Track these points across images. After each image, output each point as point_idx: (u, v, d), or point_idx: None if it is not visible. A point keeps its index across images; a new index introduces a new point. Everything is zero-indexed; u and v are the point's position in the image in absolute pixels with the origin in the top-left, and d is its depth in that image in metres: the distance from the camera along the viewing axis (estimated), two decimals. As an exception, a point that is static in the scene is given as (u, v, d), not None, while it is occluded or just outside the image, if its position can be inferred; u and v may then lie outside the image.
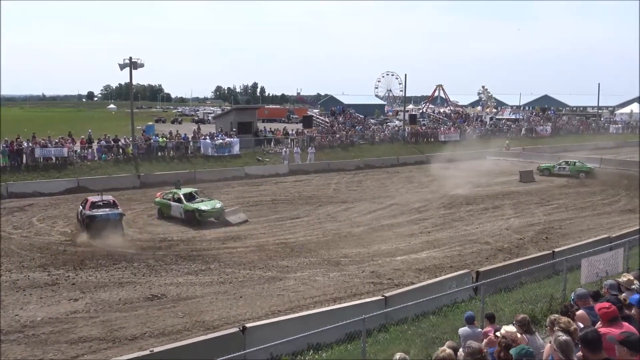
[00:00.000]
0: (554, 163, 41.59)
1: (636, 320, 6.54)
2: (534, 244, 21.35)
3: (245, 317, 14.16)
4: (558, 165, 40.83)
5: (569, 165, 40.50)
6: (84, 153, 37.70)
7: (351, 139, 51.84)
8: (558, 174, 39.97)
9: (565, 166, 40.50)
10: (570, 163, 40.72)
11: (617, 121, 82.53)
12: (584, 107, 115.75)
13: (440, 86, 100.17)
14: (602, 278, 12.42)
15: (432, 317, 12.61)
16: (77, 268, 18.24)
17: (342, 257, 19.70)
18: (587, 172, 39.47)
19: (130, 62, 38.98)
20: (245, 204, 29.11)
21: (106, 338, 13.02)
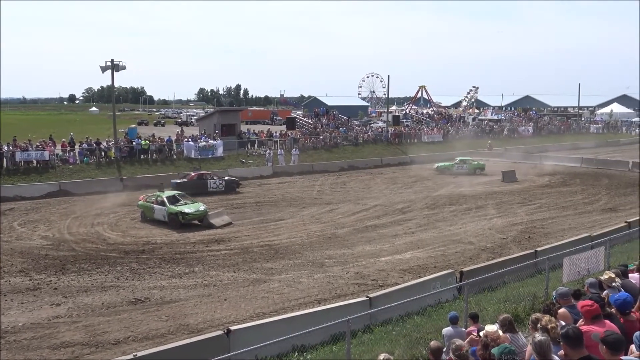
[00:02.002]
0: (452, 162, 42.40)
1: (617, 318, 6.62)
2: (516, 244, 21.50)
3: (229, 319, 14.10)
4: (457, 165, 41.87)
5: (466, 164, 41.92)
6: (65, 156, 37.36)
7: (335, 140, 51.90)
8: (458, 172, 41.00)
9: (463, 165, 41.83)
10: (467, 162, 42.20)
11: (598, 121, 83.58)
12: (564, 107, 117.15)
13: (423, 87, 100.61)
14: (584, 276, 12.55)
15: (416, 317, 12.66)
16: (59, 272, 18.06)
17: (327, 258, 19.70)
18: (481, 168, 41.73)
19: (112, 64, 38.77)
20: (229, 206, 29.03)
21: (89, 343, 12.89)
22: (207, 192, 32.50)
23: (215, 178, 33.86)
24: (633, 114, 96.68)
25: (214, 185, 33.32)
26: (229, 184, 33.86)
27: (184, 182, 32.54)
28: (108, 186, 33.68)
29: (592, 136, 72.11)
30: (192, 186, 32.06)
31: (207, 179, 33.54)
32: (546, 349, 5.21)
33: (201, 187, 32.74)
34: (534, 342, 5.32)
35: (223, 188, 33.43)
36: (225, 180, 33.94)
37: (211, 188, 33.11)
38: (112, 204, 29.68)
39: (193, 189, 31.47)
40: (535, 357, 5.29)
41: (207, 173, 34.71)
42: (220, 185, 33.47)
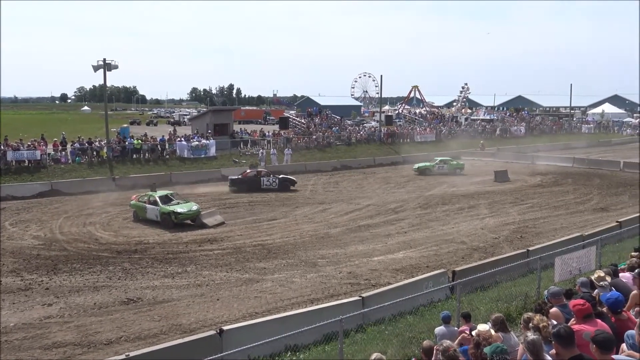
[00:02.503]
0: (433, 163, 42.30)
1: (609, 318, 6.65)
2: (508, 243, 21.58)
3: (222, 319, 14.08)
4: (437, 165, 41.87)
5: (446, 164, 42.02)
6: (57, 156, 37.19)
7: (328, 140, 51.92)
8: (439, 172, 41.08)
9: (443, 165, 41.90)
10: (447, 162, 42.29)
11: (589, 121, 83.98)
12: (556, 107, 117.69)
13: (416, 87, 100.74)
14: (576, 276, 12.61)
15: (409, 317, 12.69)
16: (51, 272, 17.98)
17: (320, 258, 19.71)
18: (461, 168, 41.94)
19: (104, 63, 38.64)
20: (221, 206, 28.98)
21: (81, 343, 12.85)
22: (260, 189, 33.39)
23: (269, 176, 34.40)
24: (624, 114, 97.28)
25: (267, 183, 33.95)
26: (282, 182, 34.23)
27: (239, 178, 33.99)
28: (100, 186, 33.55)
29: (583, 136, 72.45)
30: (246, 183, 33.61)
31: (261, 176, 34.16)
32: (539, 348, 5.24)
33: (255, 184, 33.66)
34: (526, 341, 5.35)
35: (276, 186, 33.92)
36: (279, 179, 34.33)
37: (264, 185, 33.84)
38: (104, 203, 29.59)
39: (247, 186, 33.30)
40: (527, 356, 5.32)
41: (262, 171, 35.51)
42: (273, 184, 34.00)
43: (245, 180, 33.93)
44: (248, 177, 34.16)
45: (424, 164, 42.45)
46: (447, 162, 42.30)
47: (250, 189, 33.09)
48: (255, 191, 32.96)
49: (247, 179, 34.04)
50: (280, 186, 33.94)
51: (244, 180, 33.87)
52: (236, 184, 33.62)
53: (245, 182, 33.74)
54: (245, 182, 33.74)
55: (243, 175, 34.42)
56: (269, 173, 35.09)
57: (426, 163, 42.56)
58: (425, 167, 41.77)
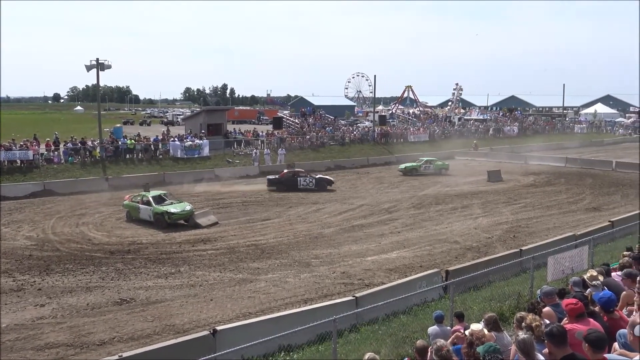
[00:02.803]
0: (419, 163, 42.08)
1: (601, 317, 6.68)
2: (502, 243, 21.64)
3: (215, 319, 14.07)
4: (424, 165, 41.76)
5: (431, 164, 41.97)
6: (50, 156, 37.02)
7: (321, 140, 51.93)
8: (425, 172, 41.07)
9: (429, 165, 41.87)
10: (432, 162, 42.19)
11: (582, 121, 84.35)
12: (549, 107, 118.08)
13: (410, 87, 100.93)
14: (568, 275, 12.67)
15: (402, 316, 12.72)
16: (43, 273, 17.91)
17: (313, 258, 19.71)
18: (446, 168, 41.93)
19: (98, 63, 38.54)
20: (215, 206, 28.94)
21: (73, 344, 12.80)
22: (297, 189, 33.83)
23: (306, 176, 34.86)
24: (616, 114, 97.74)
25: (304, 182, 34.38)
26: (319, 182, 34.53)
27: (276, 178, 34.55)
28: (93, 186, 33.47)
29: (576, 136, 72.76)
30: (283, 183, 34.10)
31: (298, 176, 34.60)
32: (529, 347, 5.26)
33: (292, 184, 34.12)
34: (517, 340, 5.37)
35: (314, 186, 34.26)
36: (316, 179, 34.70)
37: (301, 185, 34.29)
38: (97, 203, 29.51)
39: (284, 186, 33.83)
40: (519, 355, 5.34)
41: (299, 171, 35.94)
42: (310, 183, 34.38)
43: (283, 180, 34.36)
44: (285, 177, 34.57)
45: (411, 164, 42.25)
46: (432, 162, 42.22)
47: (287, 189, 33.59)
48: (293, 191, 33.41)
49: (284, 178, 34.46)
50: (317, 186, 34.29)
51: (282, 180, 34.31)
52: (274, 184, 34.21)
53: (283, 182, 34.19)
54: (283, 182, 34.19)
55: (280, 175, 34.86)
56: (307, 173, 35.61)
57: (412, 163, 42.34)
58: (412, 167, 41.63)
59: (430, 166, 41.76)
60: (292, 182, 34.23)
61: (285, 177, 34.52)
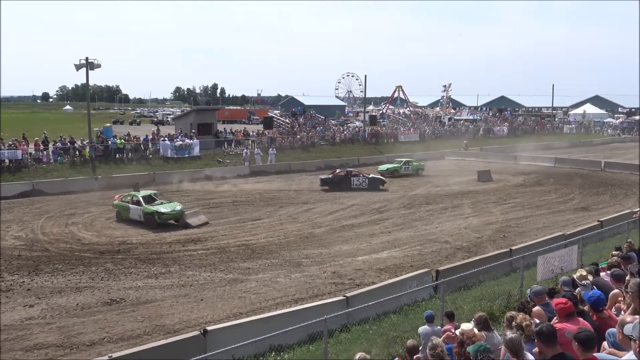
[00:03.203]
0: (399, 164, 41.38)
1: (590, 316, 6.72)
2: (492, 242, 21.72)
3: (206, 320, 14.04)
4: (404, 166, 41.20)
5: (410, 165, 41.53)
6: (39, 155, 36.80)
7: (312, 139, 51.94)
8: (405, 174, 40.66)
9: (408, 166, 41.41)
10: (410, 162, 41.74)
11: (571, 121, 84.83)
12: (539, 107, 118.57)
13: (400, 87, 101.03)
14: (558, 275, 12.74)
15: (393, 316, 12.74)
16: (32, 273, 17.80)
17: (304, 258, 19.71)
18: (422, 169, 41.61)
19: (87, 62, 38.35)
20: (205, 205, 28.86)
21: (63, 344, 12.73)
22: (350, 189, 33.94)
23: (359, 176, 34.94)
24: (605, 114, 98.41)
25: (357, 182, 34.54)
26: (372, 182, 34.71)
27: (329, 178, 34.94)
28: (82, 186, 33.29)
29: (565, 136, 73.20)
30: (337, 182, 34.36)
31: (351, 176, 34.74)
32: (517, 345, 5.30)
33: (345, 183, 34.33)
34: (505, 340, 5.41)
35: (366, 186, 34.45)
36: (369, 178, 34.88)
37: (354, 185, 34.45)
38: (87, 203, 29.36)
39: (337, 185, 34.15)
40: (508, 354, 5.37)
41: (352, 170, 36.12)
42: (363, 183, 34.56)
43: (336, 179, 34.65)
44: (339, 177, 34.86)
45: (392, 165, 41.60)
46: (410, 163, 41.72)
47: (340, 188, 33.77)
48: (346, 190, 33.53)
49: (337, 178, 34.76)
50: (370, 185, 34.45)
51: (335, 180, 34.58)
52: (327, 183, 34.48)
53: (336, 182, 34.45)
54: (336, 182, 34.45)
55: (334, 175, 35.13)
56: (359, 173, 35.64)
57: (393, 165, 41.66)
58: (394, 169, 40.89)
59: (409, 167, 41.34)
60: (346, 181, 34.50)
61: (339, 177, 34.81)
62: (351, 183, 34.39)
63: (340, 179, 34.61)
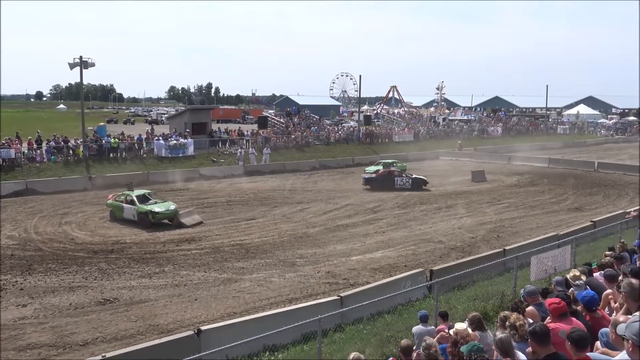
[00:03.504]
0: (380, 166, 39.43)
1: (583, 316, 6.75)
2: (485, 242, 21.77)
3: (200, 319, 14.02)
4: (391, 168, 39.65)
5: (395, 166, 39.87)
6: (32, 154, 36.64)
7: (306, 139, 51.93)
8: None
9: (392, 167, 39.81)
10: (395, 164, 40.53)
11: (565, 122, 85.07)
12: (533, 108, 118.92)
13: (395, 87, 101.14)
14: (551, 275, 12.79)
15: (387, 316, 12.75)
16: (26, 273, 17.73)
17: (298, 257, 19.71)
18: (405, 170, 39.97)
19: (81, 61, 38.21)
20: (199, 205, 28.82)
21: (56, 344, 12.69)
22: (394, 189, 34.20)
23: (402, 175, 35.37)
24: (599, 115, 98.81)
25: (401, 182, 34.85)
26: (416, 182, 34.90)
27: (373, 177, 35.23)
28: (76, 185, 33.22)
29: (559, 137, 73.40)
30: (380, 181, 34.78)
31: (395, 176, 35.15)
32: (507, 345, 5.34)
33: (389, 183, 34.63)
34: (495, 340, 5.43)
35: (409, 185, 34.65)
36: (412, 178, 35.11)
37: (398, 185, 34.72)
38: (80, 202, 29.28)
39: (381, 184, 34.47)
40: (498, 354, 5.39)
41: (396, 170, 36.50)
42: (407, 183, 34.81)
43: (380, 179, 34.92)
44: (382, 176, 35.10)
45: (379, 168, 39.46)
46: (395, 165, 40.47)
47: (384, 188, 33.94)
48: (389, 190, 33.71)
49: (381, 177, 35.04)
50: (413, 185, 34.63)
51: (379, 179, 34.88)
52: (371, 183, 34.77)
53: (380, 181, 34.74)
54: (380, 181, 34.74)
55: (378, 175, 35.26)
56: (402, 173, 35.97)
57: (379, 167, 39.70)
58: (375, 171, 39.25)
59: (394, 168, 39.39)
60: (390, 181, 34.73)
61: (383, 176, 35.00)
62: (395, 183, 34.69)
63: (384, 178, 34.89)
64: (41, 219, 25.46)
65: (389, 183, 34.52)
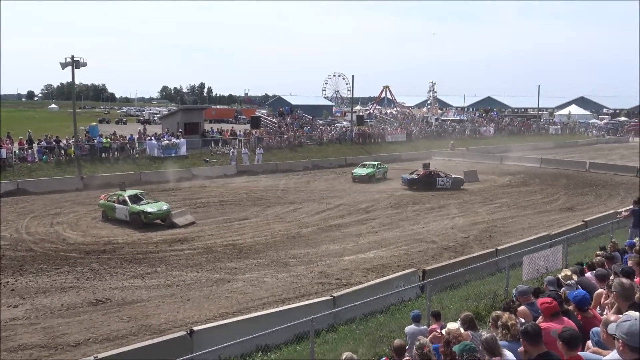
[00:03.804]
0: (373, 168, 39.13)
1: (575, 315, 6.78)
2: (478, 242, 21.84)
3: (192, 320, 13.99)
4: (378, 170, 39.34)
5: (380, 168, 39.85)
6: (23, 154, 36.43)
7: (299, 139, 51.91)
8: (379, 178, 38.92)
9: (380, 169, 39.57)
10: (380, 166, 39.90)
11: (556, 122, 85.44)
12: (525, 108, 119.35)
13: (387, 87, 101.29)
14: (543, 274, 12.84)
15: (379, 316, 12.77)
16: (17, 273, 17.64)
17: (291, 257, 19.70)
18: (386, 172, 40.49)
19: (73, 60, 38.04)
20: (192, 205, 28.75)
21: (48, 345, 12.64)
22: (435, 188, 34.68)
23: (443, 176, 35.85)
24: (590, 115, 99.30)
25: (442, 182, 35.31)
26: (455, 182, 35.48)
27: (415, 178, 35.57)
28: (68, 185, 33.09)
29: (551, 137, 73.71)
30: (422, 182, 35.12)
31: (436, 176, 35.67)
32: (492, 345, 5.39)
33: (430, 183, 35.13)
34: (481, 340, 5.46)
35: (449, 186, 35.13)
36: (452, 179, 35.63)
37: (439, 185, 35.14)
38: (72, 203, 29.16)
39: (423, 185, 34.85)
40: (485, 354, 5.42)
41: (436, 171, 36.96)
42: (447, 183, 35.31)
43: (423, 179, 35.26)
44: (425, 177, 35.55)
45: (369, 170, 38.91)
46: (380, 167, 40.09)
47: (425, 188, 34.34)
48: (430, 190, 34.14)
49: (424, 178, 35.38)
50: (453, 185, 35.11)
51: (422, 180, 35.16)
52: (414, 183, 35.07)
53: (422, 182, 35.03)
54: (422, 182, 35.03)
55: (421, 175, 35.75)
56: (441, 173, 36.37)
57: (369, 170, 38.99)
58: (372, 174, 38.47)
59: (380, 170, 39.74)
60: (431, 181, 35.15)
61: (426, 177, 35.36)
62: (436, 183, 35.04)
63: (426, 179, 35.17)
64: (33, 219, 25.33)
65: (431, 183, 34.89)
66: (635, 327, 4.12)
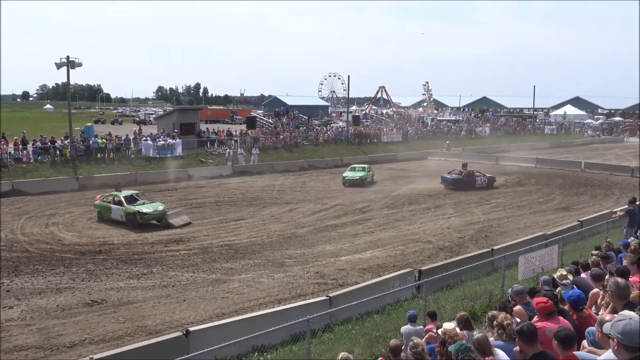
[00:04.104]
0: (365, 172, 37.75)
1: (570, 315, 6.80)
2: (473, 242, 21.86)
3: (188, 320, 13.97)
4: (369, 173, 38.21)
5: (371, 171, 38.92)
6: (18, 155, 36.33)
7: (295, 140, 51.88)
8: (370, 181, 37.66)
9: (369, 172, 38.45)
10: (367, 169, 38.65)
11: (552, 122, 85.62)
12: (520, 108, 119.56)
13: (383, 87, 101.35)
14: (539, 274, 12.86)
15: (375, 316, 12.78)
16: (12, 274, 17.59)
17: (287, 258, 19.69)
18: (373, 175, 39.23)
19: (68, 61, 37.90)
20: (188, 205, 28.71)
21: (43, 346, 12.61)
22: (475, 188, 35.11)
23: (480, 175, 36.49)
24: (585, 115, 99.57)
25: (480, 182, 35.88)
26: (490, 181, 36.27)
27: (455, 178, 35.86)
28: (63, 186, 33.01)
29: (546, 137, 73.82)
30: (462, 182, 35.50)
31: (476, 176, 36.21)
32: (484, 345, 5.40)
33: (470, 183, 35.55)
34: (472, 340, 5.48)
35: (486, 185, 35.79)
36: (488, 178, 36.39)
37: (478, 184, 35.69)
38: (68, 203, 29.09)
39: (463, 185, 35.22)
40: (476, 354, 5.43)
41: (475, 171, 37.28)
42: (484, 182, 35.89)
43: (464, 179, 35.64)
44: (466, 176, 35.92)
45: (361, 174, 37.51)
46: (370, 170, 39.24)
47: (465, 188, 34.67)
48: (470, 189, 34.45)
49: (465, 178, 35.76)
50: (488, 184, 35.82)
51: (463, 180, 35.51)
52: (454, 183, 35.36)
53: (464, 182, 35.41)
54: (464, 182, 35.41)
55: (462, 176, 35.98)
56: (477, 172, 36.88)
57: (361, 173, 37.68)
58: (364, 177, 37.14)
59: (370, 173, 38.71)
60: (471, 180, 35.65)
61: (466, 176, 35.91)
62: (476, 182, 35.62)
63: (467, 179, 35.68)
64: (28, 220, 25.27)
65: (471, 183, 35.45)
66: (630, 326, 4.13)
